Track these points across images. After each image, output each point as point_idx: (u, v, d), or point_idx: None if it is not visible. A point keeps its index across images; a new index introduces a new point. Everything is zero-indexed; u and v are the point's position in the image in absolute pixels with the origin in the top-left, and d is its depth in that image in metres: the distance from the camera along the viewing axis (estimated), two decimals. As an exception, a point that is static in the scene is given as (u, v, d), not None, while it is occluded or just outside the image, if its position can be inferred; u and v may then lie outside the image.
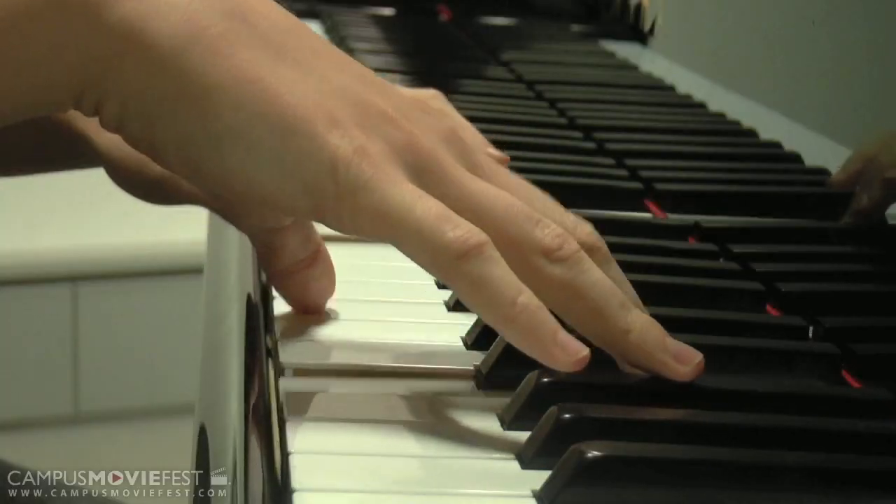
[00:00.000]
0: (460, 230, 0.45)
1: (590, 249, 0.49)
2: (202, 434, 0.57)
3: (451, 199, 0.47)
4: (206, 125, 0.47)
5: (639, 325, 0.47)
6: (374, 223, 0.46)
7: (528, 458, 0.44)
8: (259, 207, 0.54)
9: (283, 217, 0.55)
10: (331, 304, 0.57)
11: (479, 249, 0.45)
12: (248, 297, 0.61)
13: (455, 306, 0.58)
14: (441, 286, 0.61)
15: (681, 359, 0.48)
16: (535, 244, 0.47)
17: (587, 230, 0.50)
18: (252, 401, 0.54)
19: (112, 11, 0.46)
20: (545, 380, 0.47)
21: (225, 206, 0.60)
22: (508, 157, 0.75)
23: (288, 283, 0.56)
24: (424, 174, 0.48)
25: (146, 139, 0.48)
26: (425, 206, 0.46)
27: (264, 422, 0.50)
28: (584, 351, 0.45)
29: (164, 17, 0.47)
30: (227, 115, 0.46)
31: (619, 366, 0.49)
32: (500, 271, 0.45)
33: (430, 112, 0.50)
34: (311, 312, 0.56)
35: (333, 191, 0.46)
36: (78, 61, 0.47)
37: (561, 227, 0.48)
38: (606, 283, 0.48)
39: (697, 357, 0.48)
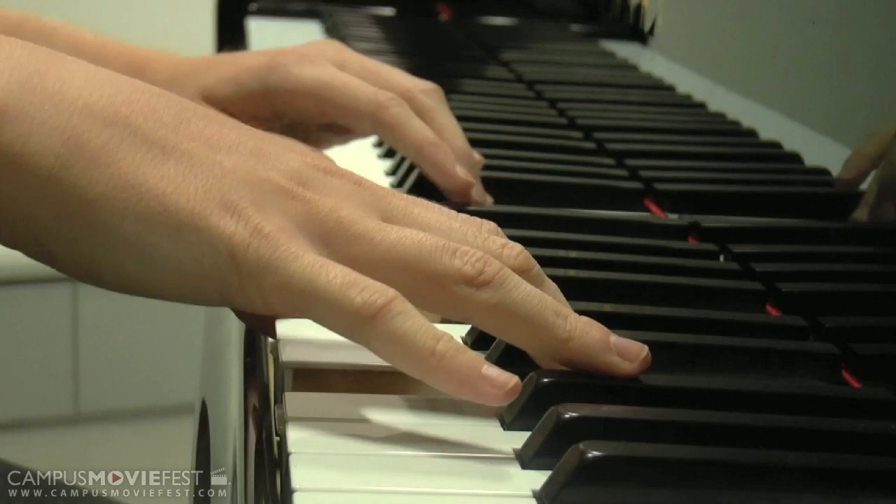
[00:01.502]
0: (366, 293, 0.45)
1: (520, 271, 0.48)
2: (202, 434, 0.57)
3: (362, 256, 0.47)
4: (95, 238, 0.47)
5: (578, 330, 0.47)
6: (283, 302, 0.46)
7: (528, 458, 0.44)
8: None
9: None
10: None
11: (387, 308, 0.45)
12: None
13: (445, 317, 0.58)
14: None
15: (626, 355, 0.48)
16: (454, 275, 0.47)
17: (515, 252, 0.49)
18: (252, 401, 0.54)
19: None
20: (545, 380, 0.47)
21: None
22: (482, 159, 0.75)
23: (252, 319, 0.55)
24: (329, 239, 0.47)
25: (43, 255, 0.48)
26: (329, 276, 0.45)
27: (264, 422, 0.50)
28: (513, 380, 0.45)
29: (44, 137, 0.46)
30: (114, 224, 0.46)
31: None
32: (413, 324, 0.45)
33: (332, 171, 0.50)
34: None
35: (237, 278, 0.46)
36: None
37: (483, 251, 0.48)
38: (536, 296, 0.47)
39: (643, 351, 0.48)
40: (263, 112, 0.73)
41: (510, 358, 0.49)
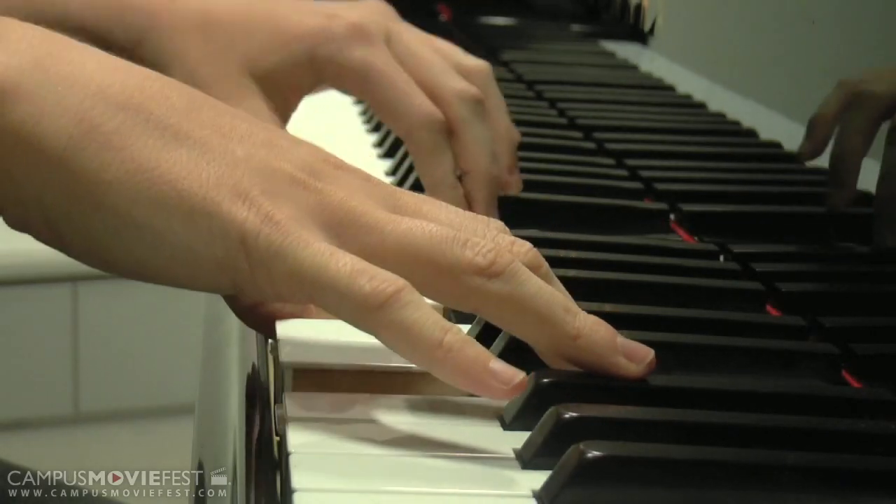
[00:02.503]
0: (376, 281, 0.45)
1: (530, 269, 0.48)
2: (202, 434, 0.57)
3: (372, 247, 0.47)
4: (107, 222, 0.47)
5: (587, 328, 0.47)
6: (291, 288, 0.46)
7: (528, 458, 0.44)
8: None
9: None
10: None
11: (396, 297, 0.45)
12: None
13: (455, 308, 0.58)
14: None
15: (632, 357, 0.48)
16: (466, 266, 0.47)
17: (524, 249, 0.49)
18: (252, 401, 0.54)
19: (5, 114, 0.46)
20: (545, 380, 0.47)
21: None
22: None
23: (253, 318, 0.55)
24: (340, 229, 0.47)
25: (53, 238, 0.48)
26: (339, 263, 0.45)
27: (264, 422, 0.50)
28: (520, 375, 0.45)
29: (56, 118, 0.46)
30: (126, 208, 0.46)
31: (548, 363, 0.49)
32: (421, 315, 0.45)
33: (342, 166, 0.50)
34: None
35: (246, 264, 0.46)
36: None
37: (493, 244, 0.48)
38: (547, 291, 0.47)
39: (650, 355, 0.48)
40: (307, 80, 0.70)
41: (509, 358, 0.49)
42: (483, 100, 0.71)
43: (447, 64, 0.72)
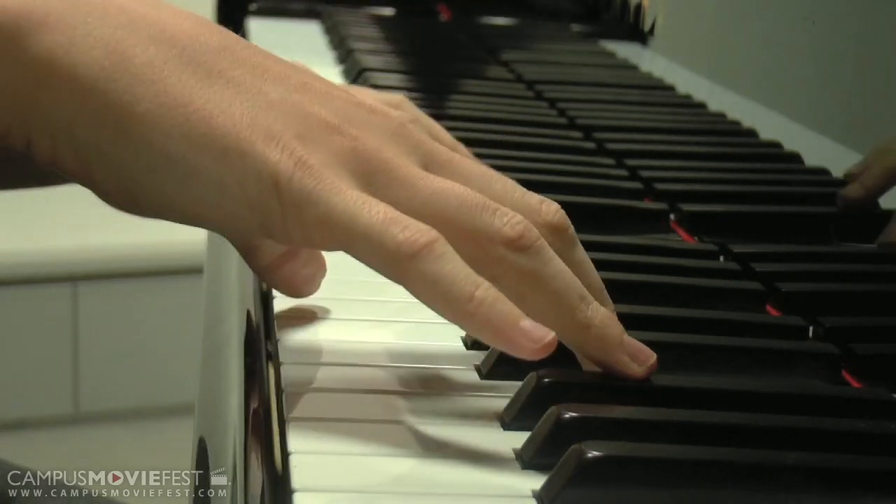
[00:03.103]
0: (409, 231, 0.45)
1: (556, 229, 0.48)
2: (202, 434, 0.57)
3: (403, 200, 0.47)
4: (139, 155, 0.46)
5: (598, 319, 0.47)
6: (322, 234, 0.46)
7: (528, 458, 0.44)
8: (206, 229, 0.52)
9: None
10: (331, 305, 0.57)
11: (429, 248, 0.45)
12: (248, 297, 0.61)
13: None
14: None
15: (636, 358, 0.48)
16: (493, 234, 0.47)
17: (553, 209, 0.49)
18: (252, 401, 0.54)
19: (35, 43, 0.46)
20: (545, 380, 0.47)
21: None
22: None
23: (274, 277, 0.55)
24: (372, 178, 0.47)
25: (81, 172, 0.48)
26: (372, 211, 0.45)
27: (264, 422, 0.50)
28: (550, 335, 0.45)
29: (88, 47, 0.46)
30: (159, 143, 0.46)
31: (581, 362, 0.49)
32: (454, 267, 0.45)
33: (376, 112, 0.49)
34: (304, 296, 0.56)
35: (278, 207, 0.46)
36: (1, 96, 0.46)
37: (525, 208, 0.48)
38: (568, 275, 0.47)
39: (652, 358, 0.48)
40: None
41: (509, 357, 0.49)
42: (420, 119, 0.73)
43: (377, 102, 0.74)
